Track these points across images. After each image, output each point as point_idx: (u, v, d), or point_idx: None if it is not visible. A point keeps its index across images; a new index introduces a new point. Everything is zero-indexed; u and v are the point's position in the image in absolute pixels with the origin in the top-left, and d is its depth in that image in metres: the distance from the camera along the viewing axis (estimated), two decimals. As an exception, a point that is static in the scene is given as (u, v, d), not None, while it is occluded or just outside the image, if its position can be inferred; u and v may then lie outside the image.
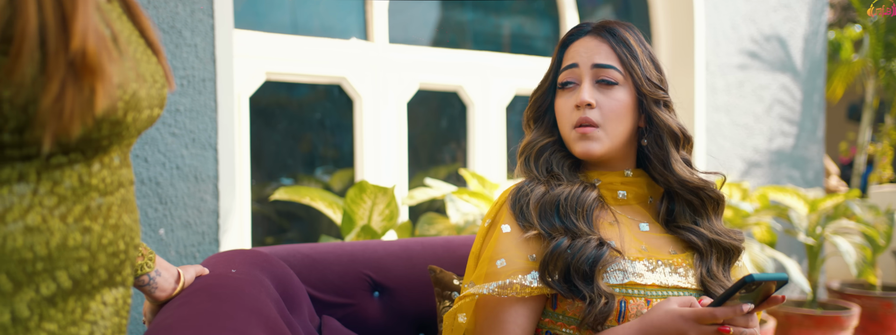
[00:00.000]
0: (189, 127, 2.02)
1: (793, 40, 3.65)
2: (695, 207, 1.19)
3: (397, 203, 1.97)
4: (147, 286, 1.02)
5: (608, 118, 1.15)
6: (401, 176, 2.58)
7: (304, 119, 2.53)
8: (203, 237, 2.06)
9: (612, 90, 1.15)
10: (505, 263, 1.10)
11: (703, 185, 1.18)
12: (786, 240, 3.55)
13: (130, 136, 0.76)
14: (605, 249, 1.08)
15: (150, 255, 1.02)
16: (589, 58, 1.16)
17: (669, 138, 1.17)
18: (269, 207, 2.46)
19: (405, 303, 1.48)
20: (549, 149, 1.21)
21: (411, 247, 1.55)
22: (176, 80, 2.00)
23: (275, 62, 2.33)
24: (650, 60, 1.19)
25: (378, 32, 2.56)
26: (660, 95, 1.17)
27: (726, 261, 1.18)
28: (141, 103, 0.73)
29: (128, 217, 0.76)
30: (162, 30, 1.97)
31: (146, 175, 1.95)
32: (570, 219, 1.11)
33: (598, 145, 1.15)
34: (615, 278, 1.09)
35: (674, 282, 1.12)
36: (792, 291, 3.60)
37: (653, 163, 1.18)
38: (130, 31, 0.77)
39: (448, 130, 2.82)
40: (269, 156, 2.45)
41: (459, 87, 2.74)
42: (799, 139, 3.69)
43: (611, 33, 1.18)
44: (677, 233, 1.18)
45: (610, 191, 1.19)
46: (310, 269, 1.46)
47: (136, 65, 0.74)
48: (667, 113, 1.18)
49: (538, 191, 1.14)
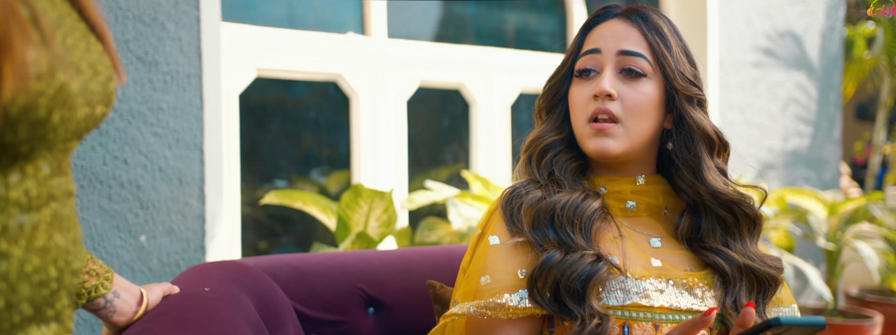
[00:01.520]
0: (173, 126, 1.89)
1: (809, 36, 3.51)
2: (727, 225, 1.04)
3: (395, 208, 1.84)
4: (103, 310, 0.88)
5: (631, 113, 1.00)
6: (400, 178, 2.45)
7: (299, 118, 2.40)
8: (188, 244, 1.92)
9: (639, 82, 1.01)
10: (489, 280, 0.97)
11: (740, 200, 1.03)
12: (802, 244, 3.42)
13: (64, 140, 0.62)
14: (602, 265, 0.94)
15: (106, 274, 0.88)
16: (615, 43, 1.02)
17: (703, 142, 1.02)
18: (262, 211, 2.33)
19: (403, 320, 1.34)
20: (555, 148, 1.06)
21: (409, 257, 1.42)
22: (159, 75, 1.87)
23: (266, 57, 2.19)
24: (684, 54, 1.04)
25: (376, 27, 2.42)
26: (693, 92, 1.02)
27: (761, 293, 1.02)
28: (74, 99, 0.60)
29: (62, 237, 0.62)
30: (143, 22, 1.84)
31: (126, 178, 1.82)
32: (565, 231, 0.97)
33: (616, 144, 1.00)
34: (616, 299, 0.95)
35: (687, 304, 0.97)
36: (808, 297, 3.46)
37: (680, 170, 1.04)
38: (64, 13, 0.63)
39: (450, 130, 2.69)
40: (260, 157, 2.32)
41: (462, 85, 2.60)
42: (815, 139, 3.56)
43: (643, 18, 1.03)
44: (700, 254, 1.03)
45: (617, 201, 1.05)
46: (298, 283, 1.32)
47: (68, 52, 0.60)
48: (701, 113, 1.03)
49: (533, 195, 1.00)
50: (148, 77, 1.85)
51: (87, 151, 1.77)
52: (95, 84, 0.64)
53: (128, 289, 0.91)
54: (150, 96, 1.86)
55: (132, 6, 1.83)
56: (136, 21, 1.83)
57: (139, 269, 1.86)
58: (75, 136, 0.65)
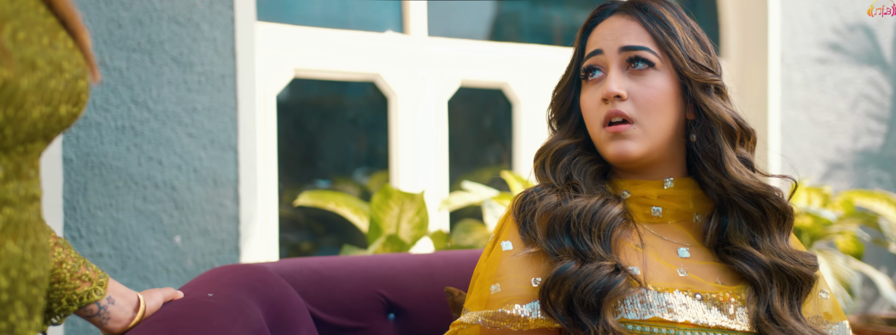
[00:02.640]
0: (207, 127, 1.88)
1: (882, 29, 3.30)
2: (753, 220, 0.96)
3: (427, 210, 1.79)
4: (96, 316, 0.86)
5: (645, 110, 0.93)
6: (440, 179, 2.40)
7: (337, 118, 2.37)
8: (223, 245, 1.92)
9: (647, 76, 0.94)
10: (499, 289, 0.91)
11: (766, 192, 0.94)
12: (872, 250, 3.21)
13: (20, 142, 0.59)
14: (620, 277, 0.87)
15: (100, 280, 0.86)
16: (616, 40, 0.95)
17: (722, 131, 0.94)
18: (305, 213, 2.32)
19: (424, 327, 1.29)
20: (570, 151, 0.99)
21: (433, 262, 1.37)
22: (193, 76, 1.87)
23: (303, 57, 2.18)
24: (694, 38, 0.97)
25: (416, 25, 2.38)
26: (708, 78, 0.95)
27: (794, 294, 0.94)
28: (22, 98, 0.56)
29: (15, 244, 0.59)
30: (178, 23, 1.85)
31: (160, 179, 1.83)
32: (582, 239, 0.90)
33: (636, 146, 0.93)
34: (635, 312, 0.88)
35: (715, 321, 0.89)
36: (881, 307, 3.26)
37: (703, 164, 0.96)
38: (22, 6, 0.60)
39: (492, 130, 2.62)
40: (299, 157, 2.30)
41: (505, 84, 2.54)
42: (889, 138, 3.35)
43: (641, 9, 0.96)
44: (728, 262, 0.95)
45: (641, 206, 0.97)
46: (317, 287, 1.29)
47: (18, 48, 0.57)
48: (719, 100, 0.96)
49: (548, 200, 0.93)
50: (182, 78, 1.86)
51: (122, 152, 1.79)
52: (57, 82, 0.60)
53: (124, 294, 0.89)
54: (185, 97, 1.86)
55: (167, 7, 1.83)
56: (170, 22, 1.84)
57: (174, 270, 1.86)
58: (38, 138, 0.61)
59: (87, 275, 0.85)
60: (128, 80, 1.79)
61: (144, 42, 1.81)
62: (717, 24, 3.09)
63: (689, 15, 1.01)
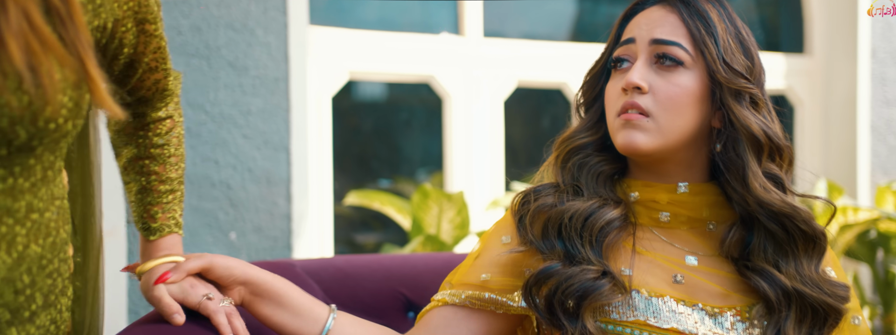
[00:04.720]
0: (261, 128, 1.97)
1: None
2: (779, 242, 0.90)
3: (469, 210, 1.80)
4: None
5: (664, 107, 0.89)
6: (496, 179, 2.40)
7: (392, 119, 2.42)
8: (275, 242, 2.00)
9: (674, 73, 0.89)
10: (488, 277, 0.94)
11: (791, 213, 0.88)
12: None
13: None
14: (604, 283, 0.85)
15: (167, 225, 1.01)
16: (649, 31, 0.91)
17: (748, 142, 0.89)
18: (358, 210, 2.38)
19: (442, 326, 1.30)
20: (584, 150, 0.96)
21: (454, 262, 1.37)
22: (248, 80, 1.96)
23: (358, 60, 2.23)
24: (737, 41, 0.91)
25: (471, 26, 2.39)
26: (741, 84, 0.89)
27: (816, 325, 0.88)
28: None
29: (36, 246, 0.65)
30: (234, 29, 1.94)
31: (217, 178, 1.92)
32: (573, 243, 0.88)
33: (645, 139, 0.89)
34: (618, 313, 0.87)
35: (705, 331, 0.85)
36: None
37: (727, 176, 0.91)
38: None
39: (550, 131, 2.59)
40: (353, 157, 2.36)
41: (563, 84, 2.51)
42: None
43: (684, 3, 0.92)
44: (745, 276, 0.90)
45: (649, 210, 0.94)
46: (340, 285, 1.32)
47: None
48: (750, 110, 0.89)
49: (543, 202, 0.92)
50: (238, 81, 1.95)
51: (181, 152, 1.89)
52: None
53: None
54: (240, 100, 1.95)
55: (224, 14, 1.93)
56: (227, 28, 1.93)
57: (229, 265, 1.96)
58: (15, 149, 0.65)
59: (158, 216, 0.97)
60: (186, 84, 1.90)
61: (202, 48, 1.91)
62: (800, 18, 2.93)
63: (739, 18, 0.97)
